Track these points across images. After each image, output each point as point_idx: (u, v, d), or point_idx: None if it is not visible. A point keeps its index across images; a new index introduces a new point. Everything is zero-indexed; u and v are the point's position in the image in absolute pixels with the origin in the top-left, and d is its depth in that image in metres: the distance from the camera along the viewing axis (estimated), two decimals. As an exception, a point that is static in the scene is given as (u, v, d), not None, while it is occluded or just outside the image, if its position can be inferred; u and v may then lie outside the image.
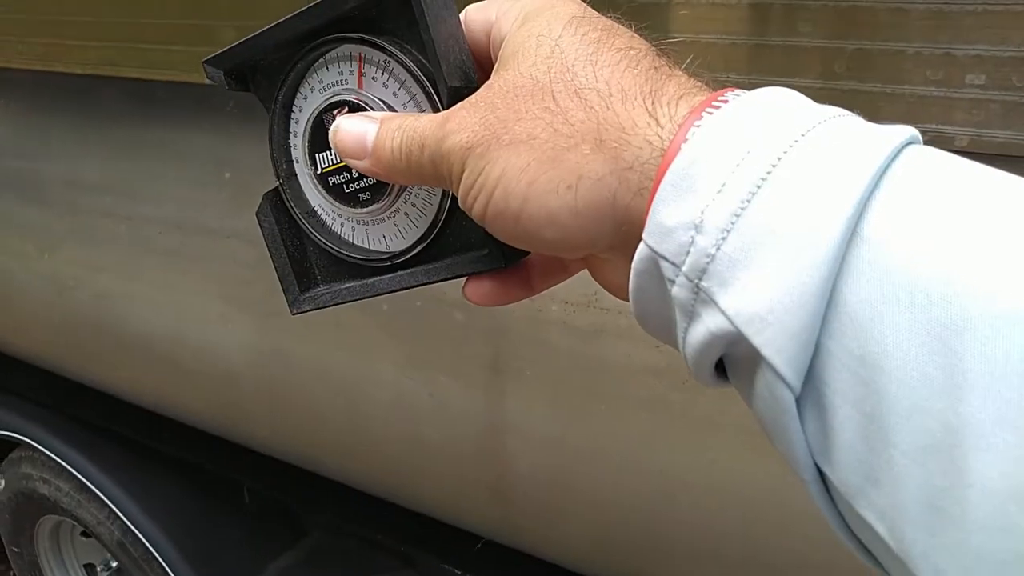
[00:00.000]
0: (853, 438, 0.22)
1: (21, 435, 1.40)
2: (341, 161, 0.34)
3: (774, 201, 0.23)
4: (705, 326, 0.24)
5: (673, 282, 0.25)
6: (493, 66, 0.32)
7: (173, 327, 1.07)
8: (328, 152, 0.35)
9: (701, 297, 0.24)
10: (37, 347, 1.34)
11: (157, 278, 1.08)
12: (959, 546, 0.20)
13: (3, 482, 1.49)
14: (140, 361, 1.15)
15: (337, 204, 0.36)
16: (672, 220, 0.25)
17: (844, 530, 0.25)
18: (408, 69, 0.33)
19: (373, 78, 0.34)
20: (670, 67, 0.28)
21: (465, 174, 0.29)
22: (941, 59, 0.64)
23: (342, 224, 0.37)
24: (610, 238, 0.28)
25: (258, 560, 1.33)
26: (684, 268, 0.24)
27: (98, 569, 1.54)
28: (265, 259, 0.38)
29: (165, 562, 1.26)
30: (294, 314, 0.38)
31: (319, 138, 0.35)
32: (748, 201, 0.23)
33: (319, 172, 0.36)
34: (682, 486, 0.72)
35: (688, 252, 0.24)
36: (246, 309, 0.99)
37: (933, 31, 0.63)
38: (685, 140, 0.25)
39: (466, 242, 0.34)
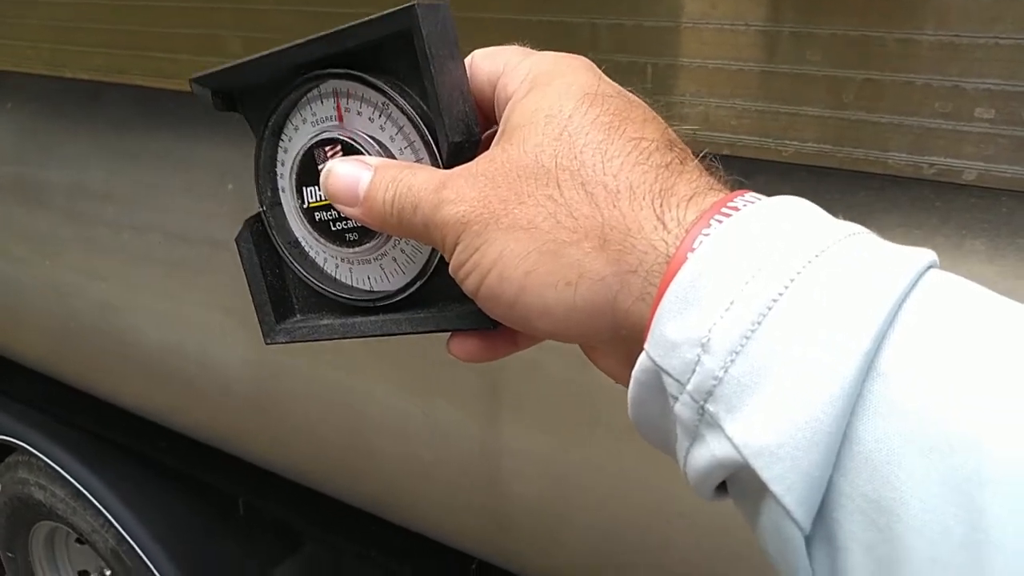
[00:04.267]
0: None
1: (18, 440, 1.40)
2: None
3: (787, 326, 0.22)
4: (710, 450, 0.23)
5: (676, 399, 0.23)
6: (496, 117, 0.30)
7: (173, 338, 1.07)
8: (317, 187, 0.33)
9: (706, 420, 0.23)
10: (37, 352, 1.34)
11: (158, 288, 1.07)
12: None
13: (-1, 486, 1.49)
14: (139, 370, 1.14)
15: (322, 240, 0.34)
16: (677, 335, 0.23)
17: None
18: (407, 114, 0.31)
19: (369, 119, 0.32)
20: (681, 160, 0.27)
21: (459, 248, 0.28)
22: (950, 91, 0.63)
23: (325, 259, 0.35)
24: (606, 335, 0.26)
25: (252, 571, 1.33)
26: (689, 387, 0.23)
27: (91, 576, 1.54)
28: None
29: (158, 571, 1.25)
30: (268, 344, 0.36)
31: (308, 172, 0.33)
32: (759, 323, 0.22)
33: (306, 206, 0.34)
34: (678, 515, 0.71)
35: (694, 371, 0.23)
36: (247, 323, 0.98)
37: (943, 63, 0.63)
38: (692, 249, 0.24)
39: (455, 293, 0.32)
